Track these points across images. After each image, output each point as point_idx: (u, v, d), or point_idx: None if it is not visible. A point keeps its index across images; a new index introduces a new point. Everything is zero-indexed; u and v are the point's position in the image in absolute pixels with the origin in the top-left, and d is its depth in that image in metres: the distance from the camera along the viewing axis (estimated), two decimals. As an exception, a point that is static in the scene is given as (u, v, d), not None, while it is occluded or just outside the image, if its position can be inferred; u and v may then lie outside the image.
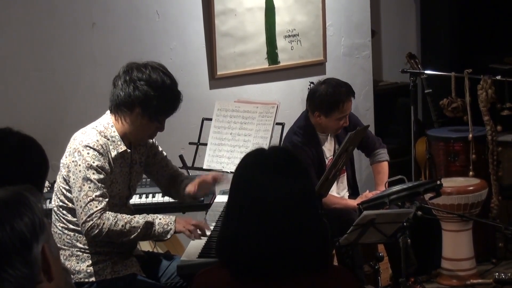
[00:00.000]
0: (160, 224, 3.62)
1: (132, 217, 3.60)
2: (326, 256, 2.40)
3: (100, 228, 3.51)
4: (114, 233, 3.54)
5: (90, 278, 3.63)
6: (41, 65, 4.98)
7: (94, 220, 3.50)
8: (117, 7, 5.23)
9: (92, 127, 3.67)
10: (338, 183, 5.19)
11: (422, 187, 4.46)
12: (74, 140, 3.64)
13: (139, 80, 3.59)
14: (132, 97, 3.59)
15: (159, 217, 3.65)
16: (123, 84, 3.61)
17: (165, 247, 4.94)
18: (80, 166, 3.54)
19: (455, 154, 5.93)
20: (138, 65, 3.65)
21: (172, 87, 3.65)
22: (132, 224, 3.57)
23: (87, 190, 3.52)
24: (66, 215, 3.66)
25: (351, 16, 6.29)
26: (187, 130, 5.23)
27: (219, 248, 2.38)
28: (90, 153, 3.55)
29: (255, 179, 2.31)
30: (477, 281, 5.45)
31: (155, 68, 3.64)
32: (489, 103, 5.65)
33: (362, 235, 4.03)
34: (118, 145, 3.66)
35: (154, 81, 3.59)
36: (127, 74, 3.63)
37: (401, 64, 6.21)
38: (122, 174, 3.71)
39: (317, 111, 5.00)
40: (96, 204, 3.51)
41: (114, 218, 3.54)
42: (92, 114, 3.95)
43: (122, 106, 3.64)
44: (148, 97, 3.58)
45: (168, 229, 3.62)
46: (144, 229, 3.59)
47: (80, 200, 3.52)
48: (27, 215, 1.62)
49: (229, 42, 5.63)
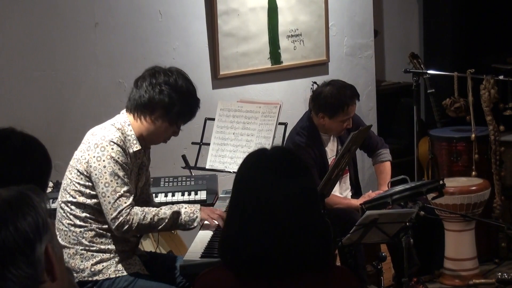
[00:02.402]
0: (186, 213, 3.70)
1: (159, 209, 3.68)
2: (329, 256, 2.40)
3: (130, 223, 3.56)
4: (144, 226, 3.62)
5: (94, 277, 3.64)
6: (43, 65, 4.99)
7: (124, 216, 3.55)
8: (120, 7, 5.24)
9: (111, 124, 3.70)
10: (341, 183, 5.19)
11: (425, 187, 4.46)
12: (93, 135, 3.66)
13: (165, 84, 3.66)
14: (156, 100, 3.65)
15: (184, 206, 3.74)
16: (148, 86, 3.67)
17: (168, 247, 4.94)
18: (104, 162, 3.56)
19: (457, 154, 5.92)
20: (164, 69, 3.73)
21: (194, 94, 3.75)
22: (160, 216, 3.64)
23: (116, 186, 3.55)
24: (74, 210, 3.66)
25: (354, 16, 6.29)
26: (190, 130, 5.21)
27: (222, 248, 2.39)
28: (114, 148, 3.58)
29: (257, 179, 2.31)
30: (479, 281, 5.45)
31: (180, 74, 3.73)
32: (492, 103, 5.65)
33: (365, 235, 4.03)
34: (133, 144, 3.69)
35: (180, 87, 3.67)
36: (153, 77, 3.69)
37: (404, 64, 6.22)
38: (134, 173, 3.74)
39: (321, 113, 5.00)
40: (125, 200, 3.56)
41: (142, 212, 3.60)
42: (94, 114, 3.97)
43: (143, 107, 3.69)
44: (172, 102, 3.65)
45: (194, 217, 3.72)
46: (171, 219, 3.67)
47: (108, 196, 3.55)
48: (30, 215, 1.62)
49: (232, 42, 5.63)
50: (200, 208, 3.75)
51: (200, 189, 4.55)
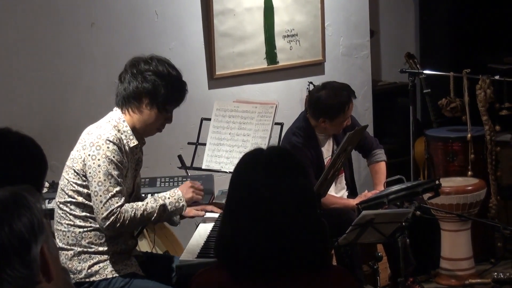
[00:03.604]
0: (172, 204, 3.74)
1: (145, 203, 3.68)
2: (325, 255, 2.41)
3: (121, 222, 3.56)
4: (134, 223, 3.64)
5: (91, 278, 3.63)
6: (40, 65, 4.98)
7: (116, 215, 3.54)
8: (116, 7, 5.23)
9: (106, 122, 3.69)
10: (337, 183, 5.19)
11: (421, 187, 4.46)
12: (89, 134, 3.64)
13: (146, 71, 3.66)
14: (140, 88, 3.65)
15: (167, 197, 3.75)
16: (131, 77, 3.67)
17: (164, 248, 4.94)
18: (99, 161, 3.55)
19: (453, 154, 5.93)
20: (144, 58, 3.73)
21: (178, 77, 3.74)
22: (148, 211, 3.65)
23: (108, 186, 3.54)
24: (73, 210, 3.65)
25: (350, 16, 6.29)
26: (186, 130, 5.23)
27: (218, 248, 2.39)
28: (110, 147, 3.57)
29: (253, 179, 2.31)
30: (475, 280, 5.45)
31: (161, 61, 3.73)
32: (488, 103, 5.65)
33: (361, 235, 4.03)
34: (130, 139, 3.69)
35: (161, 72, 3.67)
36: (134, 67, 3.69)
37: (400, 64, 6.22)
38: (131, 169, 3.73)
39: (322, 117, 5.01)
40: (116, 200, 3.55)
41: (132, 210, 3.60)
42: (91, 114, 3.96)
43: (130, 98, 3.68)
44: (156, 87, 3.65)
45: (181, 206, 3.76)
46: (159, 212, 3.69)
47: (100, 195, 3.54)
48: (26, 215, 1.62)
49: (228, 42, 5.63)
50: (183, 194, 3.77)
51: (196, 189, 4.53)
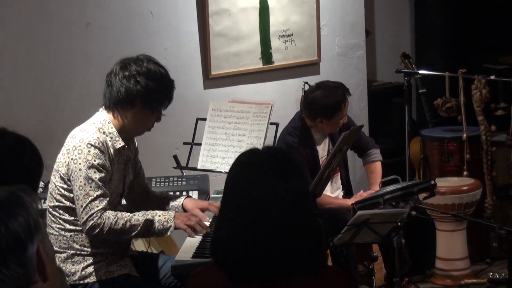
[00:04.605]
0: (160, 222, 3.64)
1: (132, 215, 3.61)
2: (320, 256, 2.41)
3: (101, 227, 3.51)
4: (115, 231, 3.55)
5: (85, 280, 3.63)
6: (35, 65, 4.97)
7: (95, 219, 3.50)
8: (111, 7, 5.23)
9: (90, 124, 3.67)
10: (332, 183, 5.19)
11: (416, 187, 4.47)
12: (73, 138, 3.63)
13: (138, 74, 3.62)
14: (134, 91, 3.62)
15: (158, 214, 3.66)
16: (123, 79, 3.63)
17: (159, 247, 4.93)
18: (80, 165, 3.53)
19: (449, 154, 5.93)
20: (133, 59, 3.69)
21: (167, 76, 3.72)
22: (132, 223, 3.58)
23: (89, 190, 3.51)
24: (63, 215, 3.64)
25: (346, 16, 6.29)
26: (181, 130, 5.23)
27: (213, 248, 2.38)
28: (91, 151, 3.54)
29: (249, 179, 2.31)
30: (471, 281, 5.45)
31: (150, 60, 3.71)
32: (483, 103, 5.65)
33: (356, 235, 4.03)
34: (116, 141, 3.66)
35: (153, 74, 3.64)
36: (125, 70, 3.65)
37: (395, 64, 6.22)
38: (119, 170, 3.72)
39: (319, 118, 5.01)
40: (97, 204, 3.51)
41: (115, 217, 3.55)
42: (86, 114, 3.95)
43: (123, 102, 3.65)
44: (150, 90, 3.62)
45: (168, 226, 3.65)
46: (144, 227, 3.60)
47: (80, 199, 3.52)
48: (21, 215, 1.61)
49: (223, 42, 5.63)
50: (174, 216, 3.67)
51: (192, 189, 4.54)
